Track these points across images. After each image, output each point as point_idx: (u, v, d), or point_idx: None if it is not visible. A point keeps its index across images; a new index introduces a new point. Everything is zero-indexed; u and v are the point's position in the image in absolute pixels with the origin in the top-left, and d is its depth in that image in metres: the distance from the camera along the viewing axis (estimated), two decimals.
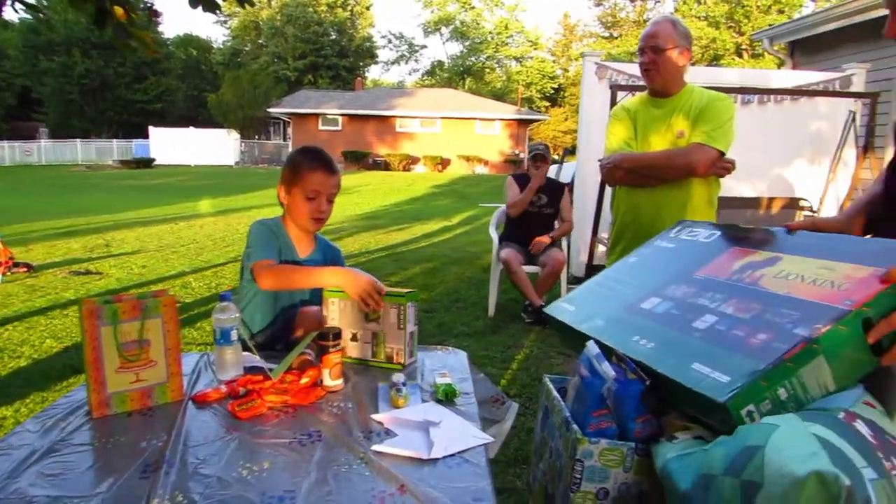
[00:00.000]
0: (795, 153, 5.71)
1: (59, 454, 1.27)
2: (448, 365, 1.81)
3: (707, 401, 1.05)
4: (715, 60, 30.30)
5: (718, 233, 1.49)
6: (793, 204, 5.27)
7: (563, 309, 1.57)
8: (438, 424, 1.30)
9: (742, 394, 1.03)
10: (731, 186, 5.25)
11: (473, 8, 47.33)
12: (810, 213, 5.21)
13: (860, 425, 1.03)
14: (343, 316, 1.80)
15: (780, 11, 29.63)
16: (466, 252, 8.04)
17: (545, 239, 4.80)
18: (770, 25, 9.74)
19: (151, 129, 32.41)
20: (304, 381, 1.54)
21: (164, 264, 7.11)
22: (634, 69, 5.31)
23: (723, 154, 2.33)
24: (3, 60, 39.41)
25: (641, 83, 2.67)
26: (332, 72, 43.22)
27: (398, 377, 1.50)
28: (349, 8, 44.98)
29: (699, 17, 31.59)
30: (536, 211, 4.93)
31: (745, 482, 0.96)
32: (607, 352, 1.29)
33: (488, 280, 5.12)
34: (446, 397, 1.49)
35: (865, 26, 5.87)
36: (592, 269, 4.60)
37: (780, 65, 8.59)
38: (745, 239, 1.40)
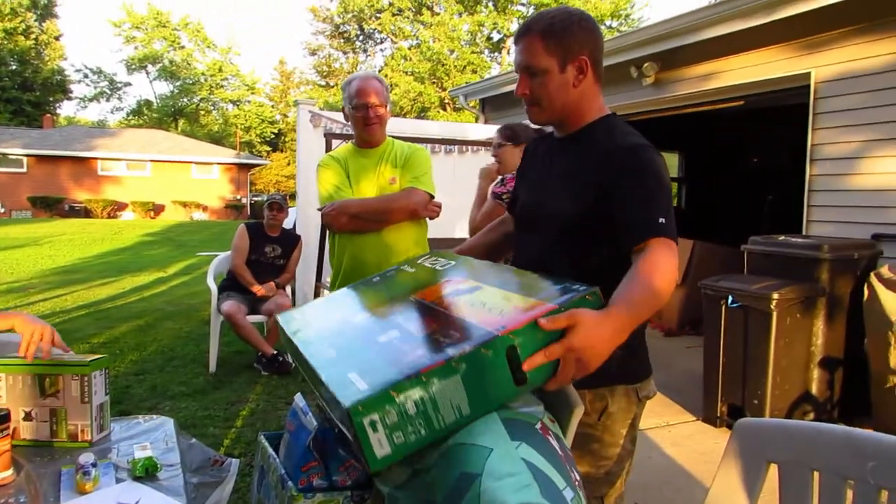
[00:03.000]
0: None
1: None
2: (150, 435, 1.63)
3: (342, 408, 1.01)
4: (423, 112, 32.97)
5: (453, 263, 1.56)
6: None
7: (290, 318, 1.56)
8: None
9: (366, 401, 0.99)
10: (439, 229, 5.71)
11: (183, 48, 45.02)
12: None
13: (552, 439, 1.15)
14: (13, 392, 1.53)
15: (474, 72, 33.50)
16: (183, 305, 7.48)
17: (271, 287, 4.70)
18: (466, 83, 10.95)
19: None
20: None
21: None
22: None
23: (432, 196, 2.56)
24: None
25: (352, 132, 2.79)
26: (14, 106, 37.30)
27: (86, 457, 1.32)
28: (34, 37, 39.50)
29: (406, 73, 34.21)
30: (268, 262, 4.82)
31: None
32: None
33: (208, 334, 4.81)
34: (146, 472, 1.34)
35: None
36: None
37: (476, 119, 9.68)
38: (464, 270, 1.49)
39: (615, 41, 5.86)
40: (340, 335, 1.33)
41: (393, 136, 2.70)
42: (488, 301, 1.23)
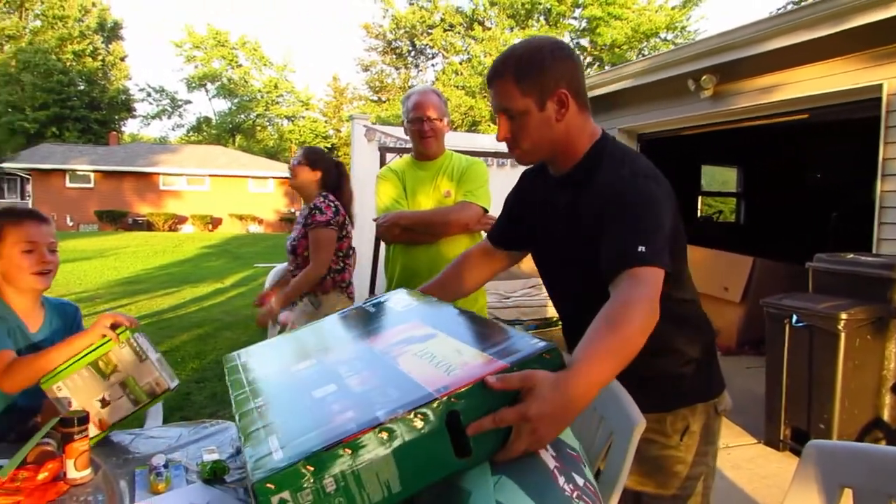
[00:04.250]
0: None
1: None
2: (215, 439, 1.68)
3: (250, 481, 0.88)
4: (474, 126, 33.14)
5: (415, 303, 1.44)
6: None
7: (236, 358, 1.42)
8: None
9: (275, 478, 0.85)
10: None
11: (241, 66, 46.49)
12: None
13: (546, 456, 1.02)
14: (79, 390, 1.60)
15: None
16: (241, 315, 7.67)
17: None
18: None
19: None
20: (43, 476, 1.33)
21: None
22: (400, 132, 5.62)
23: (486, 211, 2.56)
24: None
25: (408, 146, 2.85)
26: (82, 124, 39.15)
27: (158, 459, 1.37)
28: (101, 58, 41.47)
29: (458, 87, 34.46)
30: None
31: None
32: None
33: None
34: (214, 475, 1.38)
35: (591, 101, 6.90)
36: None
37: None
38: (424, 312, 1.36)
39: (671, 54, 5.79)
40: (276, 385, 1.19)
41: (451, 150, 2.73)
42: (438, 352, 1.09)
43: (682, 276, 1.47)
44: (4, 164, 27.22)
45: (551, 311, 4.80)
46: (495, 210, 2.67)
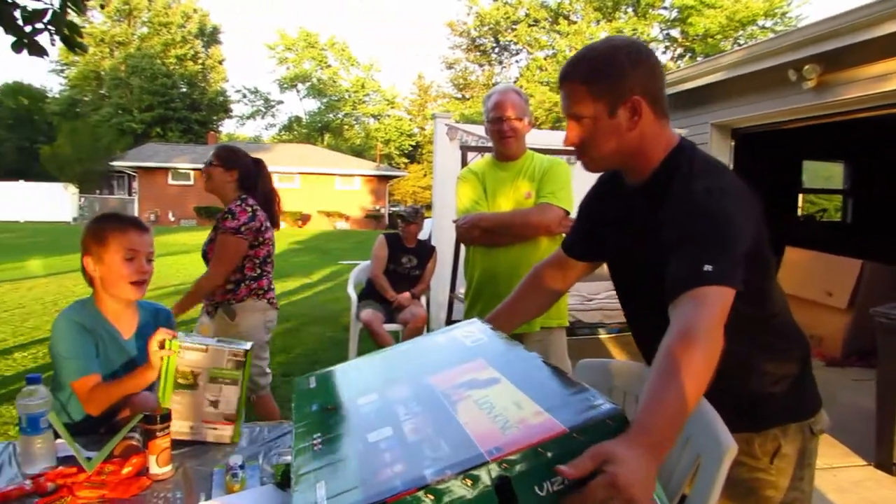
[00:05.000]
0: None
1: None
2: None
3: None
4: (558, 123, 32.64)
5: (486, 339, 1.36)
6: None
7: (315, 380, 1.43)
8: None
9: None
10: None
11: (330, 66, 47.83)
12: None
13: None
14: (189, 409, 1.64)
15: None
16: (327, 311, 7.86)
17: (407, 296, 4.80)
18: None
19: None
20: (127, 470, 1.38)
21: None
22: (482, 131, 5.56)
23: (568, 213, 2.48)
24: None
25: (489, 145, 2.79)
26: (183, 125, 41.49)
27: (235, 459, 1.38)
28: (201, 62, 43.74)
29: (542, 83, 34.03)
30: (405, 273, 4.94)
31: None
32: None
33: (349, 340, 5.00)
34: (284, 479, 1.38)
35: (682, 95, 6.59)
36: (451, 324, 4.65)
37: None
38: (492, 352, 1.28)
39: (770, 43, 5.45)
40: (335, 421, 1.17)
41: (532, 149, 2.65)
42: (498, 403, 1.02)
43: (768, 291, 1.35)
44: (114, 163, 29.17)
45: None
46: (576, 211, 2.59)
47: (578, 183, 2.61)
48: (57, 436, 1.49)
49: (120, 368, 1.82)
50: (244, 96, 49.15)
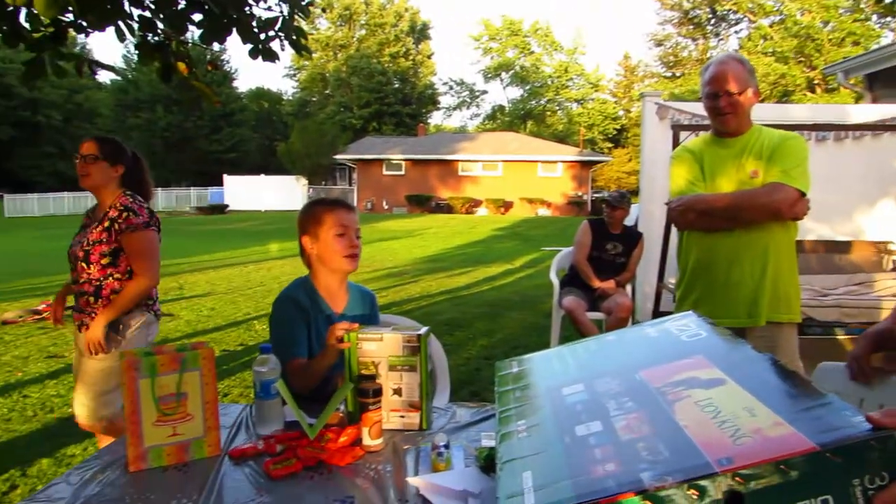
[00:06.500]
0: (880, 192, 5.36)
1: None
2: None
3: None
4: (785, 97, 29.38)
5: (704, 334, 1.24)
6: (881, 248, 4.91)
7: (520, 364, 1.41)
8: (478, 496, 1.18)
9: None
10: (809, 229, 4.95)
11: (532, 53, 47.90)
12: None
13: None
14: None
15: (856, 43, 28.56)
16: (528, 297, 7.89)
17: (611, 284, 4.63)
18: (844, 58, 9.36)
19: (226, 178, 33.94)
20: (343, 439, 1.46)
21: (231, 307, 7.27)
22: (696, 108, 5.15)
23: (803, 194, 2.19)
24: (96, 118, 42.48)
25: (704, 123, 2.55)
26: (396, 119, 44.35)
27: (441, 439, 1.40)
28: (411, 58, 46.32)
29: (766, 53, 30.83)
30: (609, 260, 4.76)
31: None
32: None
33: (550, 326, 4.96)
34: (487, 464, 1.36)
35: None
36: (659, 316, 4.40)
37: (858, 99, 8.19)
38: (714, 349, 1.16)
39: None
40: (542, 410, 1.13)
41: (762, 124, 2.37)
42: (725, 408, 0.91)
43: None
44: (337, 156, 32.06)
45: (885, 314, 3.98)
46: (813, 194, 2.25)
47: (815, 162, 2.28)
48: (284, 402, 1.64)
49: None
50: (451, 88, 51.26)
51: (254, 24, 3.45)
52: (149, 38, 3.43)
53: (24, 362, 4.95)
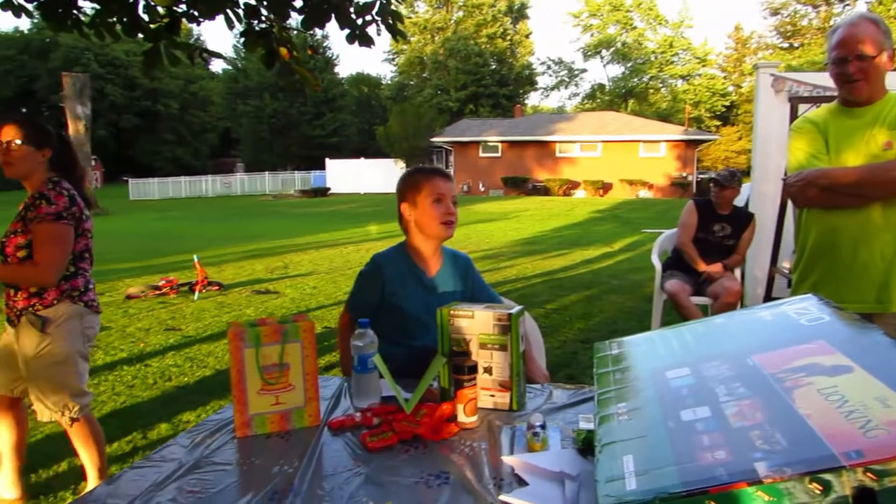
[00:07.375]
0: None
1: (201, 471, 1.31)
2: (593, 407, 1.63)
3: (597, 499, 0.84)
4: None
5: (827, 318, 1.14)
6: None
7: (619, 346, 1.38)
8: (576, 478, 1.15)
9: None
10: None
11: (635, 28, 46.13)
12: None
13: None
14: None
15: None
16: (627, 280, 7.66)
17: (718, 268, 4.39)
18: None
19: (328, 161, 35.18)
20: (438, 414, 1.46)
21: (332, 286, 7.53)
22: (817, 79, 4.76)
23: None
24: (209, 107, 45.14)
25: (827, 94, 2.34)
26: (492, 100, 44.13)
27: (537, 419, 1.37)
28: (509, 38, 45.80)
29: None
30: (717, 241, 4.51)
31: None
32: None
33: (650, 311, 4.79)
34: (587, 446, 1.32)
35: None
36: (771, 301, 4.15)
37: None
38: (839, 334, 1.06)
39: None
40: (644, 393, 1.09)
41: None
42: (853, 397, 0.83)
43: None
44: (434, 139, 32.36)
45: None
46: None
47: None
48: (381, 376, 1.66)
49: (422, 302, 2.04)
50: (548, 68, 50.47)
51: (351, 9, 3.50)
52: (254, 25, 3.57)
53: (146, 334, 5.34)
